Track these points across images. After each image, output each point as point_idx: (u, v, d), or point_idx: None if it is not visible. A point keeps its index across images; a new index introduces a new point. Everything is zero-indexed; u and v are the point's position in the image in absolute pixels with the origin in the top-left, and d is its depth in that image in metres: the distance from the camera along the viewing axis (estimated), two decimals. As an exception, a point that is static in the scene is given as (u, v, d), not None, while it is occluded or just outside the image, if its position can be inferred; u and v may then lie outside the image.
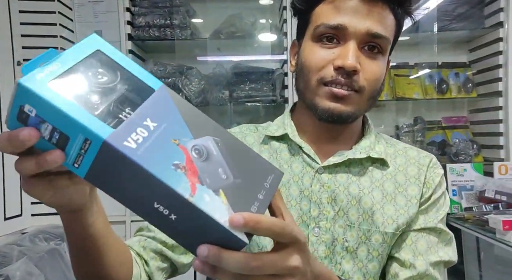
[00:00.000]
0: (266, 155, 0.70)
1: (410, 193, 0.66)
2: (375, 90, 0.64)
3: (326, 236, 0.63)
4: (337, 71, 0.61)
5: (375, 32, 0.61)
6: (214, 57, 2.05)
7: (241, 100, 1.92)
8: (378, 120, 2.17)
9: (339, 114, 0.62)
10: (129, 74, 0.36)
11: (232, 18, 1.95)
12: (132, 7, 1.86)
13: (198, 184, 0.33)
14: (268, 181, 0.38)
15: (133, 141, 0.31)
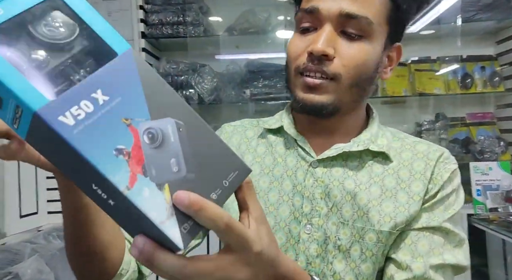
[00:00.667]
0: (262, 149, 0.68)
1: (414, 189, 0.61)
2: (357, 77, 0.58)
3: (318, 234, 0.60)
4: (309, 58, 0.57)
5: (349, 11, 0.55)
6: (227, 54, 2.02)
7: (254, 97, 1.89)
8: (398, 117, 2.09)
9: (312, 105, 0.58)
10: (90, 31, 0.31)
11: (246, 14, 1.92)
12: (146, 4, 1.86)
13: (140, 175, 0.29)
14: (228, 178, 0.33)
15: (71, 116, 0.27)
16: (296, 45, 0.60)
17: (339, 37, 0.57)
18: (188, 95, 1.84)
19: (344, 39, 0.57)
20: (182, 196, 0.29)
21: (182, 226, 0.29)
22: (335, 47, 0.56)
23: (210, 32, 1.97)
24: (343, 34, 0.57)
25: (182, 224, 0.29)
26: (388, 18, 0.59)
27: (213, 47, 2.01)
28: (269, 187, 0.63)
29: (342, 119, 0.63)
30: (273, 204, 0.62)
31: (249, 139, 0.70)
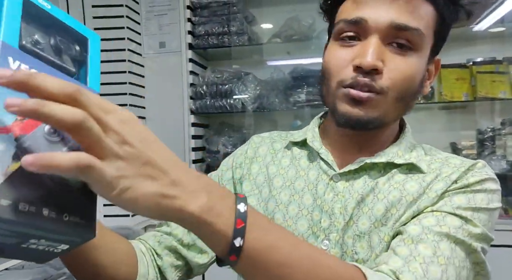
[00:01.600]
0: (287, 161, 0.67)
1: (433, 187, 0.56)
2: (404, 91, 0.56)
3: (335, 250, 0.57)
4: (356, 71, 0.55)
5: (400, 23, 0.53)
6: (271, 61, 2.03)
7: (298, 104, 1.86)
8: (457, 124, 1.93)
9: (358, 120, 0.55)
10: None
11: (290, 21, 1.91)
12: (193, 17, 1.93)
13: (12, 136, 0.29)
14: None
15: None
16: (338, 57, 0.57)
17: (386, 49, 0.55)
18: (232, 103, 1.88)
19: (392, 51, 0.55)
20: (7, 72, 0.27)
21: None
22: (383, 60, 0.54)
23: (255, 40, 1.99)
24: (390, 46, 0.55)
25: None
26: (434, 31, 0.57)
27: (257, 55, 2.03)
28: (289, 200, 0.63)
29: (377, 134, 0.61)
30: (292, 218, 0.61)
31: (275, 151, 0.70)
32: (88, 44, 0.38)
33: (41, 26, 0.34)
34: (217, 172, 0.73)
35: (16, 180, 0.28)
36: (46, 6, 0.35)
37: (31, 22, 0.34)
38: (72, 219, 0.31)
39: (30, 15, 0.34)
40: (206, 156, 1.98)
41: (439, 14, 0.56)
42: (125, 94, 1.80)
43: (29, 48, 0.33)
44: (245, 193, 0.67)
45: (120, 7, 1.79)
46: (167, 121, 1.92)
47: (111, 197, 0.31)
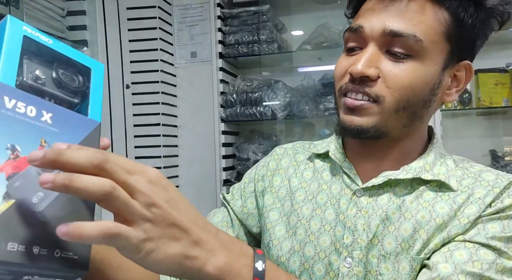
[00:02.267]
0: (309, 174, 0.66)
1: (465, 212, 0.53)
2: (404, 100, 0.53)
3: (358, 268, 0.55)
4: (350, 78, 0.56)
5: (393, 29, 0.52)
6: (301, 68, 2.02)
7: (329, 111, 1.84)
8: (496, 130, 1.84)
9: (353, 127, 0.55)
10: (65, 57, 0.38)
11: (320, 28, 1.91)
12: (224, 27, 1.96)
13: (4, 175, 0.30)
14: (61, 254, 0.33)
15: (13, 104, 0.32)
16: (340, 65, 0.58)
17: (384, 57, 0.54)
18: (262, 111, 1.88)
19: (389, 59, 0.54)
20: (39, 154, 0.29)
21: None
22: (378, 67, 0.53)
23: (285, 48, 1.99)
24: (389, 54, 0.54)
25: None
26: (448, 35, 0.54)
27: (287, 63, 2.03)
28: (311, 215, 0.61)
29: (393, 145, 0.59)
30: (314, 233, 0.60)
31: (298, 163, 0.69)
32: (90, 74, 0.40)
33: (43, 61, 0.36)
34: (239, 184, 0.73)
35: (6, 220, 0.29)
36: (47, 41, 0.36)
37: (32, 58, 0.35)
38: (64, 255, 0.32)
39: (31, 52, 0.35)
40: (236, 163, 1.99)
41: (454, 16, 0.53)
42: (158, 104, 1.85)
43: (30, 84, 0.35)
44: (266, 206, 0.67)
45: (153, 19, 1.85)
46: (199, 129, 1.96)
47: (136, 259, 0.33)
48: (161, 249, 0.33)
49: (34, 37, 0.36)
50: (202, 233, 0.37)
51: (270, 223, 0.65)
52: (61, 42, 0.38)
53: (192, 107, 1.97)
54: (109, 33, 1.73)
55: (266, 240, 0.64)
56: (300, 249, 0.60)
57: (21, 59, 0.34)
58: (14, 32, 0.34)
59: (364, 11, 0.57)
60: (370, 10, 0.56)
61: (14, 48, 0.34)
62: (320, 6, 1.98)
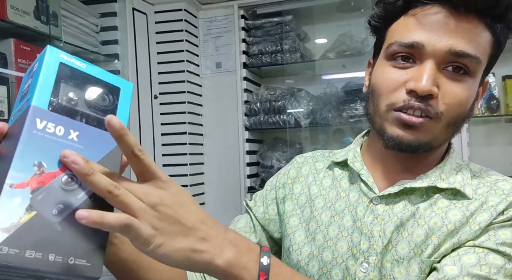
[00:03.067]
0: (328, 182, 0.68)
1: (477, 219, 0.54)
2: (457, 117, 0.55)
3: (374, 273, 0.57)
4: (409, 94, 0.54)
5: (460, 50, 0.52)
6: (324, 76, 2.04)
7: (352, 119, 1.85)
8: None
9: (408, 144, 0.55)
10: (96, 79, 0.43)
11: (343, 37, 1.93)
12: (248, 37, 2.02)
13: (29, 190, 0.34)
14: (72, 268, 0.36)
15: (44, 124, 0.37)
16: (390, 78, 0.56)
17: (441, 74, 0.54)
18: (285, 119, 1.92)
19: (447, 76, 0.54)
20: (115, 122, 0.36)
21: (1, 246, 0.32)
22: (437, 85, 0.54)
23: (307, 57, 2.02)
24: (445, 70, 0.54)
25: (3, 246, 0.32)
26: (490, 56, 0.56)
27: (310, 71, 2.06)
28: (330, 221, 0.63)
29: (425, 157, 0.60)
30: (332, 239, 0.62)
31: (317, 171, 0.71)
32: (119, 93, 0.44)
33: (77, 84, 0.41)
34: (262, 192, 0.76)
35: (26, 230, 0.33)
36: (81, 66, 0.42)
37: (67, 82, 0.40)
38: (78, 262, 0.35)
39: (66, 77, 0.40)
40: (260, 170, 2.02)
41: (495, 38, 0.55)
42: (184, 113, 1.92)
43: (63, 106, 0.39)
44: (287, 212, 0.69)
45: (180, 32, 1.93)
46: (223, 137, 2.01)
47: (147, 252, 0.38)
48: (169, 243, 0.38)
49: (70, 63, 0.41)
50: (210, 231, 0.41)
51: (291, 228, 0.68)
52: (95, 66, 0.43)
53: (217, 116, 2.02)
54: (138, 47, 1.82)
55: (286, 245, 0.67)
56: (318, 254, 0.62)
57: (57, 83, 0.39)
58: (51, 60, 0.39)
59: (421, 26, 0.54)
60: (428, 26, 0.54)
61: (50, 74, 0.39)
62: (343, 15, 2.00)
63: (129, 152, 0.38)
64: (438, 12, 0.53)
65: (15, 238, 0.32)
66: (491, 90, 1.76)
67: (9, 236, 0.32)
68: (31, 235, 0.33)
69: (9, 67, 1.27)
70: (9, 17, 1.24)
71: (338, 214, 0.63)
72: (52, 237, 0.34)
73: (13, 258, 0.32)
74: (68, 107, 0.39)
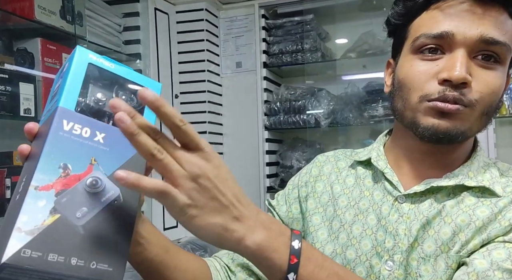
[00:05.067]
0: (351, 181, 0.68)
1: (507, 216, 0.53)
2: (490, 106, 0.55)
3: (399, 272, 0.56)
4: (442, 85, 0.53)
5: (490, 37, 0.52)
6: (345, 76, 2.02)
7: (373, 119, 1.83)
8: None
9: (446, 132, 0.54)
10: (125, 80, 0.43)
11: (365, 36, 1.90)
12: (268, 37, 2.01)
13: (54, 192, 0.33)
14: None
15: (71, 126, 0.37)
16: (420, 70, 0.56)
17: (472, 62, 0.54)
18: (305, 119, 1.90)
19: (479, 64, 0.54)
20: (149, 93, 0.35)
21: (24, 249, 0.32)
22: (471, 73, 0.53)
23: (328, 56, 2.00)
24: (476, 59, 0.54)
25: (26, 248, 0.32)
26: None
27: (330, 71, 2.04)
28: (354, 220, 0.63)
29: (452, 149, 0.59)
30: (355, 237, 0.62)
31: (340, 170, 0.71)
32: None
33: (105, 84, 0.41)
34: (284, 191, 0.75)
35: (49, 233, 0.33)
36: (110, 66, 0.41)
37: (96, 82, 0.40)
38: (100, 266, 0.35)
39: (95, 77, 0.40)
40: (280, 171, 2.01)
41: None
42: (205, 112, 1.93)
43: (91, 106, 0.39)
44: (309, 211, 0.69)
45: (201, 31, 1.94)
46: (243, 137, 2.01)
47: (180, 221, 0.38)
48: (203, 217, 0.38)
49: (98, 63, 0.40)
50: (244, 210, 0.40)
51: (313, 226, 0.67)
52: (123, 65, 0.43)
53: (237, 115, 2.03)
54: (160, 46, 1.84)
55: (309, 242, 0.67)
56: (342, 252, 0.62)
57: (86, 83, 0.39)
58: (80, 60, 0.39)
59: (449, 16, 0.54)
60: (458, 15, 0.54)
61: (78, 75, 0.39)
62: (365, 13, 1.97)
63: (170, 123, 0.37)
64: (463, 2, 0.54)
65: (38, 241, 0.32)
66: (519, 90, 1.71)
67: (32, 239, 0.32)
68: (54, 238, 0.33)
69: (36, 66, 1.31)
70: (37, 16, 1.27)
71: (362, 213, 0.63)
72: (75, 241, 0.34)
73: (35, 261, 0.32)
74: (95, 108, 0.39)
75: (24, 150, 0.38)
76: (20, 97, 1.22)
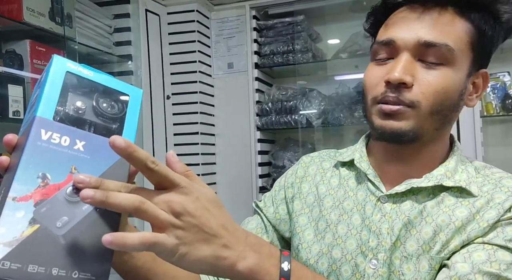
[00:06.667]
0: (336, 181, 0.69)
1: (485, 217, 0.55)
2: (438, 104, 0.56)
3: (383, 270, 0.58)
4: (386, 87, 0.57)
5: (426, 40, 0.55)
6: (336, 77, 2.03)
7: (363, 120, 1.84)
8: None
9: (391, 132, 0.57)
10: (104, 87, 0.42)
11: (355, 36, 1.91)
12: (259, 38, 2.02)
13: (32, 202, 0.33)
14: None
15: (49, 135, 0.36)
16: (372, 75, 0.60)
17: (417, 64, 0.57)
18: (297, 119, 1.91)
19: (423, 66, 0.57)
20: (120, 142, 0.35)
21: (3, 262, 0.31)
22: (413, 75, 0.56)
23: (319, 57, 2.01)
24: (422, 62, 0.57)
25: (5, 260, 0.31)
26: (472, 44, 0.58)
27: (321, 71, 2.05)
28: (339, 220, 0.65)
29: (421, 150, 0.61)
30: (341, 237, 0.63)
31: (324, 170, 0.73)
32: (128, 100, 0.43)
33: (84, 92, 0.40)
34: (270, 193, 0.77)
35: (29, 244, 0.33)
36: (89, 75, 0.41)
37: (74, 90, 0.39)
38: (82, 276, 0.34)
39: (73, 85, 0.39)
40: (272, 171, 2.02)
41: (477, 28, 0.57)
42: (196, 113, 1.93)
43: (70, 115, 0.38)
44: (296, 211, 0.70)
45: (192, 32, 1.94)
46: (235, 137, 2.01)
47: (172, 261, 0.38)
48: (193, 252, 0.38)
49: (77, 71, 0.40)
50: (231, 237, 0.41)
51: (300, 227, 0.68)
52: (103, 73, 0.42)
53: (229, 116, 2.03)
54: (151, 48, 1.83)
55: (295, 243, 0.68)
56: (328, 252, 0.63)
57: (65, 92, 0.38)
58: (57, 69, 0.39)
59: (392, 24, 0.59)
60: (398, 23, 0.58)
61: (56, 84, 0.38)
62: (355, 14, 1.98)
63: (143, 167, 0.37)
64: (407, 9, 0.59)
65: (17, 252, 0.32)
66: (506, 89, 1.73)
67: (11, 250, 0.31)
68: (34, 249, 0.33)
69: (25, 68, 1.30)
70: (25, 18, 1.27)
71: (347, 213, 0.64)
72: (56, 251, 0.34)
73: (15, 273, 0.31)
74: (75, 116, 0.39)
75: (4, 162, 0.38)
76: (9, 99, 1.22)
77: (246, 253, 0.41)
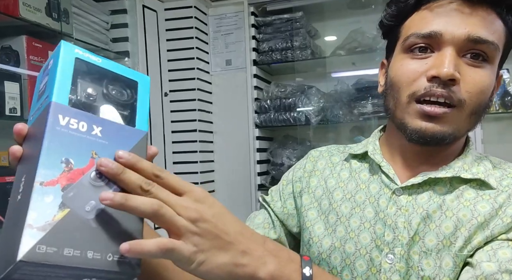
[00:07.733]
0: (346, 174, 0.68)
1: (508, 212, 0.54)
2: (478, 105, 0.55)
3: (400, 264, 0.57)
4: (431, 82, 0.54)
5: (478, 36, 0.53)
6: (335, 74, 2.03)
7: (363, 116, 1.83)
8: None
9: (433, 135, 0.55)
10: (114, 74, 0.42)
11: (354, 33, 1.91)
12: (258, 34, 2.01)
13: (60, 187, 0.33)
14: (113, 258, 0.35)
15: (67, 121, 0.36)
16: (410, 68, 0.56)
17: (461, 61, 0.55)
18: (296, 116, 1.90)
19: (467, 63, 0.55)
20: (124, 154, 0.36)
21: (39, 245, 0.31)
22: (459, 71, 0.54)
23: (318, 54, 2.01)
24: (465, 58, 0.55)
25: (41, 244, 0.31)
26: (504, 46, 0.57)
27: (320, 68, 2.04)
28: (351, 213, 0.63)
29: (445, 149, 0.60)
30: (354, 230, 0.62)
31: (334, 164, 0.71)
32: (137, 87, 0.43)
33: (94, 79, 0.40)
34: (277, 187, 0.75)
35: (62, 228, 0.32)
36: (97, 61, 0.40)
37: (84, 77, 0.39)
38: (117, 258, 0.34)
39: (83, 72, 0.39)
40: (270, 168, 2.01)
41: (508, 29, 0.56)
42: (195, 110, 1.91)
43: (83, 102, 0.38)
44: (305, 206, 0.69)
45: (190, 29, 1.92)
46: (233, 135, 2.00)
47: (189, 270, 0.37)
48: (211, 259, 0.37)
49: (85, 58, 0.39)
50: (250, 243, 0.40)
51: (309, 221, 0.67)
52: (110, 60, 0.42)
53: (227, 113, 2.02)
54: (148, 44, 1.82)
55: (306, 238, 0.67)
56: (340, 245, 0.62)
57: (75, 78, 0.38)
58: (67, 55, 0.38)
59: (438, 17, 0.55)
60: (444, 16, 0.55)
61: (67, 70, 0.38)
62: (353, 11, 1.98)
63: (151, 176, 0.37)
64: (452, 2, 0.55)
65: (51, 236, 0.32)
66: (505, 86, 1.73)
67: (45, 234, 0.31)
68: (67, 233, 0.33)
69: (21, 64, 1.28)
70: (21, 14, 1.24)
71: (359, 206, 0.63)
72: (88, 234, 0.34)
73: (52, 256, 0.31)
74: (87, 103, 0.38)
75: (16, 152, 0.37)
76: (5, 96, 1.20)
77: (265, 258, 0.40)
